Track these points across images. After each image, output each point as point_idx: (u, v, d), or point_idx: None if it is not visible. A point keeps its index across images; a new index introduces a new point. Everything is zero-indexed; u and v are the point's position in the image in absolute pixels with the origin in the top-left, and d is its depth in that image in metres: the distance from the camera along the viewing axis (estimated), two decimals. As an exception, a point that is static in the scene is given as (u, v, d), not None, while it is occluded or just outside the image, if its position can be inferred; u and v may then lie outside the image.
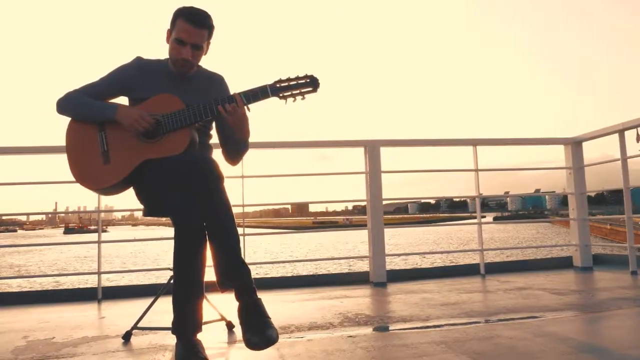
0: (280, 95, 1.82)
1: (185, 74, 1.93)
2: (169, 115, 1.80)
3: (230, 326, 2.16)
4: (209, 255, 1.69)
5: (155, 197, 1.85)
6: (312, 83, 1.84)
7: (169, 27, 1.87)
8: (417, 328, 2.11)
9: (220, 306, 2.20)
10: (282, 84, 1.83)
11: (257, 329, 1.54)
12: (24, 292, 3.41)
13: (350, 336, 1.98)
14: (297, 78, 1.84)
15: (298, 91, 1.83)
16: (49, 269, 23.78)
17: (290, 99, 1.83)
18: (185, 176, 1.64)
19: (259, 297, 1.63)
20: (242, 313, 1.59)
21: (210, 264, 1.69)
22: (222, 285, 1.62)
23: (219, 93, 1.94)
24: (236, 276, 1.61)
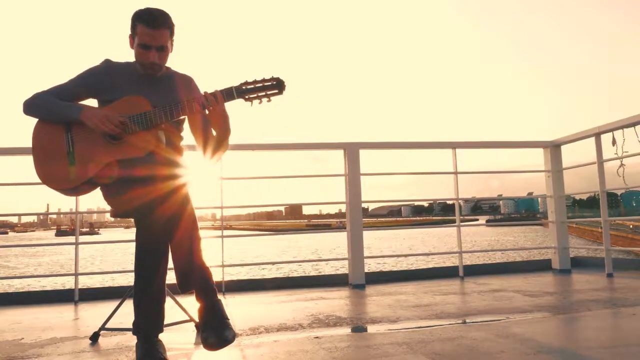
0: (246, 97, 1.83)
1: (154, 75, 1.93)
2: (135, 117, 1.81)
3: (198, 327, 2.17)
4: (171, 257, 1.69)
5: (121, 202, 1.85)
6: (277, 85, 1.84)
7: (130, 33, 1.86)
8: (385, 329, 2.12)
9: (190, 308, 2.21)
10: (248, 86, 1.83)
11: (215, 329, 1.55)
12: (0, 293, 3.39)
13: (317, 337, 1.99)
14: (263, 80, 1.84)
15: (264, 93, 1.84)
16: (39, 271, 23.58)
17: (256, 101, 1.84)
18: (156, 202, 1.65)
19: (218, 298, 1.64)
20: (202, 313, 1.60)
21: (172, 265, 1.69)
22: (182, 287, 1.63)
23: (188, 94, 1.95)
24: (196, 279, 1.62)
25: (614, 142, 3.63)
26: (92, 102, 1.99)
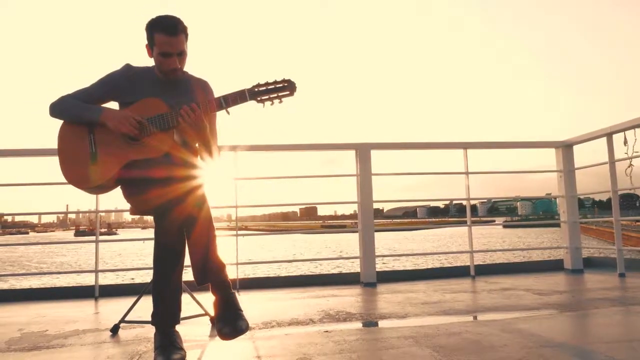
0: (258, 99, 1.91)
1: (176, 79, 2.01)
2: (153, 118, 1.90)
3: (213, 321, 2.25)
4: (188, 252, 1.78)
5: (141, 202, 1.93)
6: (289, 87, 1.92)
7: (146, 43, 1.94)
8: (393, 325, 2.19)
9: (205, 303, 2.29)
10: (260, 88, 1.91)
11: (229, 320, 1.63)
12: (24, 289, 3.53)
13: (326, 331, 2.07)
14: (275, 82, 1.92)
15: (275, 95, 1.92)
16: (58, 269, 24.06)
17: (268, 103, 1.92)
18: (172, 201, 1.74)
19: (232, 291, 1.72)
20: (217, 306, 1.69)
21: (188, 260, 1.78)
22: (198, 280, 1.72)
23: (204, 97, 2.03)
24: (211, 273, 1.71)
25: (625, 142, 3.63)
26: (114, 105, 2.10)
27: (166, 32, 1.86)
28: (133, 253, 29.89)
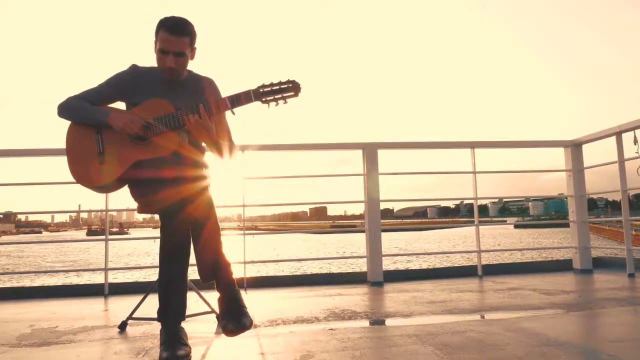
0: (263, 99, 1.94)
1: (174, 79, 2.04)
2: (159, 119, 1.93)
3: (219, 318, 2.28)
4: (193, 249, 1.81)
5: (149, 202, 1.96)
6: (293, 88, 1.94)
7: (154, 39, 1.99)
8: (397, 323, 2.20)
9: (212, 301, 2.32)
10: (265, 89, 1.94)
11: (233, 316, 1.65)
12: (36, 287, 3.59)
13: (331, 329, 2.08)
14: (280, 83, 1.94)
15: (280, 95, 1.94)
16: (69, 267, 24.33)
17: (272, 103, 1.94)
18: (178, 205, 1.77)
19: (237, 288, 1.75)
20: (221, 303, 1.71)
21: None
22: (203, 278, 1.74)
23: (209, 96, 2.05)
24: (216, 270, 1.73)
25: (635, 141, 3.59)
26: (121, 105, 2.13)
27: (169, 31, 1.90)
28: (144, 252, 30.14)
